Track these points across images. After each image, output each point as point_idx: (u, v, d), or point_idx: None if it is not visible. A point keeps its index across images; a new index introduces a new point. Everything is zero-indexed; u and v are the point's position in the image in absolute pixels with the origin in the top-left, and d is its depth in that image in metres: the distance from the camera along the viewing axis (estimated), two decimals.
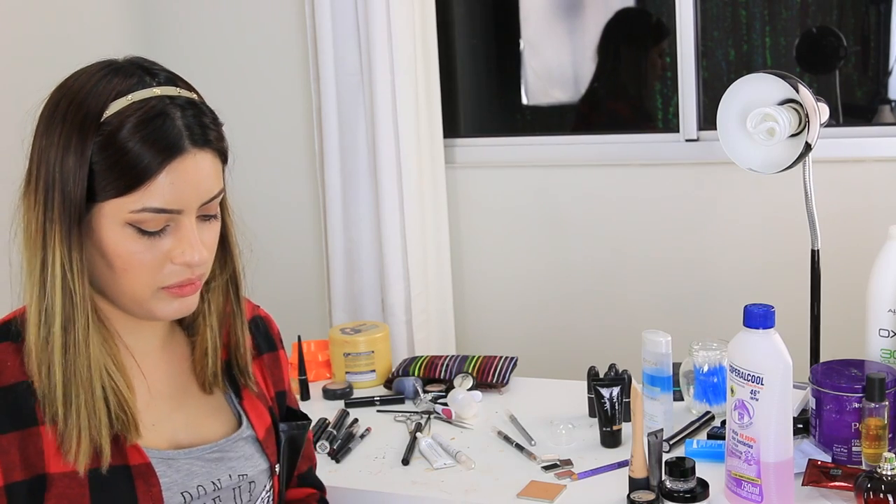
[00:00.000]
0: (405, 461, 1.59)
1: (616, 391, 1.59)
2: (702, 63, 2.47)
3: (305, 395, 1.92)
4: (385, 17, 2.38)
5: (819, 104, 1.64)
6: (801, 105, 1.62)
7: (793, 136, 1.64)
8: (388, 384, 1.94)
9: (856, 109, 2.69)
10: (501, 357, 1.96)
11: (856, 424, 1.43)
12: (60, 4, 2.44)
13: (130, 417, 1.05)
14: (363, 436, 1.71)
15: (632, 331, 1.83)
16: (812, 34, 2.68)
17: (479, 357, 1.96)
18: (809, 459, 1.41)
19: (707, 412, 1.66)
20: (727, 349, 1.38)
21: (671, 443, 1.56)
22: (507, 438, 1.65)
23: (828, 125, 1.83)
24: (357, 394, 1.92)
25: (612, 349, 2.12)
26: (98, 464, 1.03)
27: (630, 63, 2.85)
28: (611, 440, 1.60)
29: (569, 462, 1.55)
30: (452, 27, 2.88)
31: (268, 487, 1.21)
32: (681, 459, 1.32)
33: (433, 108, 2.52)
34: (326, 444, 1.64)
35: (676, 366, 1.71)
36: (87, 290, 1.03)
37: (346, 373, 1.95)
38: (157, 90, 1.02)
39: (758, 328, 1.30)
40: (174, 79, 1.06)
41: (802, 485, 1.37)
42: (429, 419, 1.75)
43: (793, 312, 1.77)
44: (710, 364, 1.67)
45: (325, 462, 1.61)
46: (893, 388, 1.42)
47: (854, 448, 1.44)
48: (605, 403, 1.59)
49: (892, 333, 1.54)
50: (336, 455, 1.62)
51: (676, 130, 2.46)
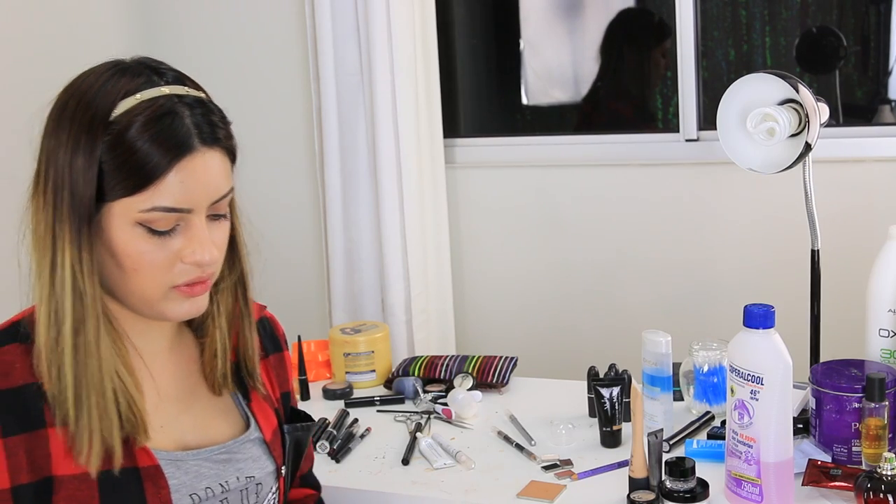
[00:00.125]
0: (405, 461, 1.59)
1: (616, 391, 1.59)
2: (702, 63, 2.47)
3: (305, 395, 1.92)
4: (385, 17, 2.38)
5: (819, 104, 1.64)
6: (801, 105, 1.62)
7: (793, 136, 1.63)
8: (388, 384, 1.94)
9: (856, 109, 2.69)
10: (501, 357, 1.96)
11: (856, 424, 1.43)
12: (61, 4, 2.44)
13: (140, 419, 1.05)
14: (363, 436, 1.71)
15: (632, 331, 1.83)
16: (812, 34, 2.68)
17: (479, 357, 1.96)
18: (809, 459, 1.41)
19: (707, 412, 1.66)
20: (727, 349, 1.38)
21: (671, 443, 1.56)
22: (507, 438, 1.65)
23: (828, 125, 1.83)
24: (357, 394, 1.92)
25: (612, 349, 2.12)
26: (109, 466, 1.03)
27: (633, 63, 2.85)
28: (611, 440, 1.60)
29: (569, 462, 1.55)
30: (452, 27, 2.88)
31: (274, 489, 1.21)
32: (681, 459, 1.32)
33: (433, 108, 2.52)
34: (326, 444, 1.64)
35: (676, 366, 1.71)
36: (98, 291, 1.02)
37: (346, 373, 1.95)
38: (166, 89, 1.02)
39: (758, 328, 1.30)
40: (182, 78, 1.06)
41: (802, 485, 1.37)
42: (429, 419, 1.75)
43: (793, 312, 1.77)
44: (710, 364, 1.67)
45: (325, 462, 1.61)
46: (893, 388, 1.42)
47: (854, 448, 1.44)
48: (605, 403, 1.59)
49: (892, 333, 1.54)
50: (336, 455, 1.62)
51: (676, 130, 2.47)
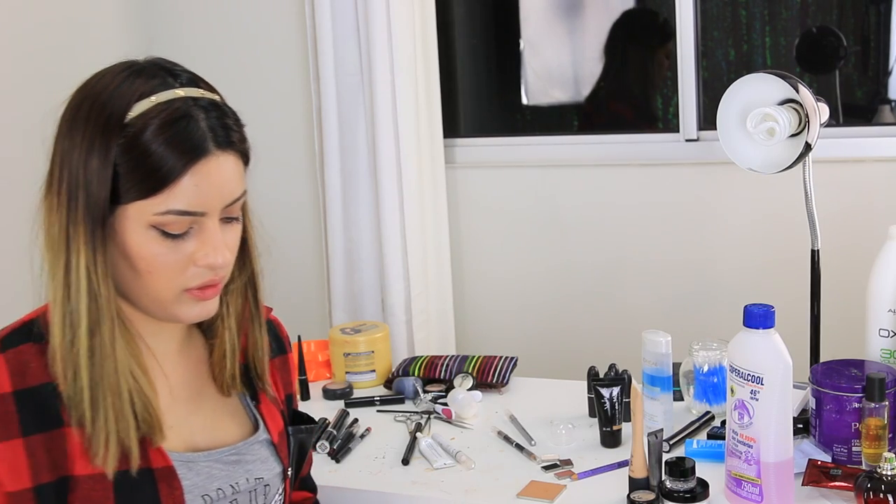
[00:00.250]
0: (405, 461, 1.59)
1: (616, 391, 1.59)
2: (702, 63, 2.47)
3: (305, 395, 1.92)
4: (385, 17, 2.38)
5: (819, 104, 1.64)
6: (801, 105, 1.62)
7: (793, 136, 1.64)
8: (388, 384, 1.94)
9: (856, 109, 2.69)
10: (501, 357, 1.96)
11: (856, 424, 1.43)
12: (61, 4, 2.44)
13: (155, 419, 1.05)
14: (363, 436, 1.71)
15: (632, 331, 1.83)
16: (812, 34, 2.68)
17: (479, 357, 1.96)
18: (809, 459, 1.41)
19: (707, 412, 1.66)
20: (727, 349, 1.38)
21: (671, 443, 1.56)
22: (507, 438, 1.65)
23: (828, 125, 1.83)
24: (357, 394, 1.92)
25: (612, 349, 2.12)
26: (125, 466, 1.03)
27: (636, 63, 2.85)
28: (611, 440, 1.60)
29: (569, 462, 1.55)
30: (452, 27, 2.88)
31: (280, 490, 1.22)
32: (681, 459, 1.32)
33: (433, 108, 2.52)
34: (326, 444, 1.64)
35: (676, 366, 1.71)
36: (112, 293, 1.02)
37: (346, 373, 1.95)
38: (181, 91, 1.02)
39: (758, 328, 1.30)
40: (196, 79, 1.06)
41: (802, 485, 1.37)
42: (429, 419, 1.75)
43: (793, 312, 1.77)
44: (710, 364, 1.67)
45: (325, 462, 1.61)
46: (893, 388, 1.42)
47: (854, 448, 1.44)
48: (605, 403, 1.59)
49: (892, 333, 1.54)
50: (336, 455, 1.62)
51: (676, 130, 2.46)
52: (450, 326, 2.62)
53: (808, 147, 1.61)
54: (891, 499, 1.25)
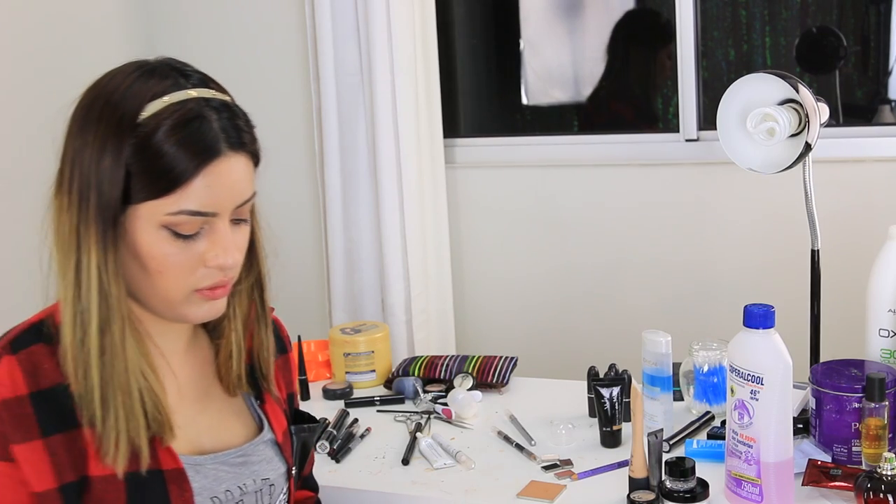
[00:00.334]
0: (405, 461, 1.59)
1: (616, 391, 1.59)
2: (702, 63, 2.47)
3: (305, 395, 1.92)
4: (385, 17, 2.38)
5: (819, 104, 1.64)
6: (801, 105, 1.62)
7: (793, 136, 1.63)
8: (388, 384, 1.94)
9: (856, 109, 2.69)
10: (501, 357, 1.96)
11: (856, 424, 1.43)
12: (61, 4, 2.44)
13: (165, 418, 1.06)
14: (363, 436, 1.71)
15: (632, 331, 1.83)
16: (812, 34, 2.68)
17: (479, 357, 1.96)
18: (809, 459, 1.41)
19: (707, 412, 1.66)
20: (727, 349, 1.38)
21: (671, 443, 1.56)
22: (507, 438, 1.65)
23: (828, 125, 1.83)
24: (357, 394, 1.92)
25: (612, 349, 2.12)
26: (136, 467, 1.03)
27: (639, 64, 2.85)
28: (611, 440, 1.60)
29: (569, 462, 1.55)
30: (452, 27, 2.88)
31: (285, 490, 1.22)
32: (681, 459, 1.32)
33: (433, 108, 2.52)
34: (326, 444, 1.64)
35: (676, 366, 1.71)
36: (123, 292, 1.02)
37: (346, 373, 1.95)
38: (193, 92, 1.02)
39: (758, 328, 1.30)
40: (206, 80, 1.06)
41: (802, 485, 1.37)
42: (429, 419, 1.75)
43: (793, 312, 1.77)
44: (710, 364, 1.67)
45: (325, 462, 1.61)
46: (893, 388, 1.42)
47: (854, 448, 1.44)
48: (605, 403, 1.59)
49: (892, 333, 1.54)
50: (336, 455, 1.62)
51: (676, 130, 2.46)
52: (450, 326, 2.62)
53: (808, 147, 1.61)
54: (891, 499, 1.25)
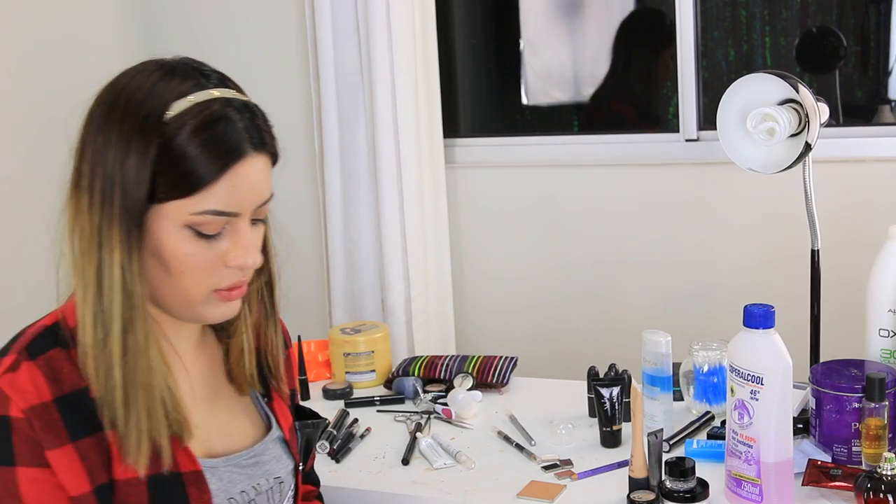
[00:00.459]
0: (405, 461, 1.59)
1: (616, 391, 1.59)
2: (702, 63, 2.47)
3: (305, 395, 1.92)
4: (385, 17, 2.38)
5: (819, 104, 1.64)
6: (801, 105, 1.62)
7: (793, 136, 1.63)
8: (388, 384, 1.94)
9: (856, 109, 2.69)
10: (501, 357, 1.96)
11: (856, 424, 1.43)
12: (60, 4, 2.44)
13: (183, 418, 1.06)
14: (363, 436, 1.71)
15: (632, 331, 1.82)
16: (812, 34, 2.68)
17: (479, 357, 1.96)
18: (809, 459, 1.41)
19: (707, 412, 1.66)
20: (727, 349, 1.38)
21: (671, 443, 1.56)
22: (507, 438, 1.65)
23: (828, 125, 1.83)
24: (357, 394, 1.92)
25: (612, 349, 2.12)
26: (157, 469, 1.03)
27: (642, 64, 2.84)
28: (611, 440, 1.60)
29: (569, 462, 1.55)
30: (452, 27, 2.88)
31: (292, 486, 1.23)
32: (681, 459, 1.32)
33: (433, 108, 2.52)
34: (326, 444, 1.64)
35: (676, 366, 1.71)
36: (145, 292, 1.02)
37: (346, 373, 1.95)
38: (216, 92, 1.02)
39: (758, 328, 1.30)
40: (224, 79, 1.06)
41: (802, 485, 1.37)
42: (429, 419, 1.75)
43: (793, 312, 1.77)
44: (710, 364, 1.67)
45: (325, 462, 1.61)
46: (893, 388, 1.42)
47: (854, 448, 1.44)
48: (605, 403, 1.59)
49: (892, 333, 1.54)
50: (336, 455, 1.62)
51: (676, 130, 2.47)
52: (450, 326, 2.62)
53: (808, 147, 1.61)
54: (891, 499, 1.25)
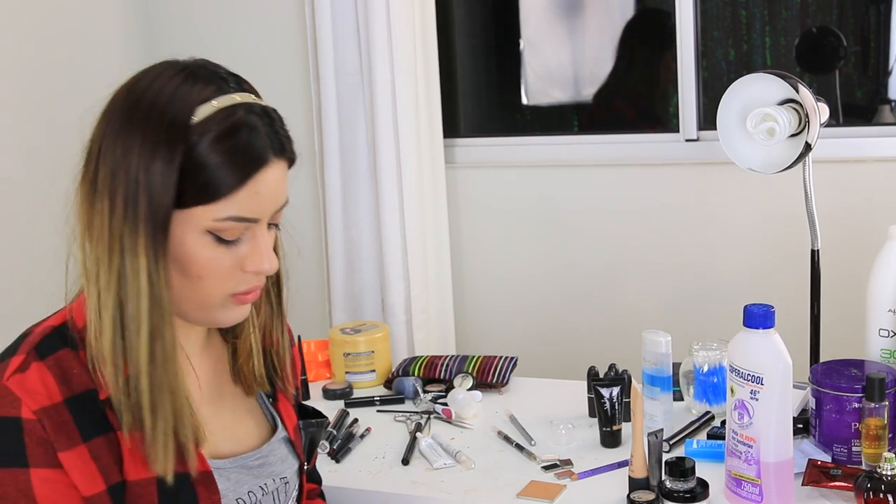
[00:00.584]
0: (405, 461, 1.59)
1: (616, 391, 1.59)
2: (702, 63, 2.47)
3: (305, 395, 1.92)
4: (385, 17, 2.38)
5: (819, 104, 1.64)
6: (801, 105, 1.62)
7: (793, 136, 1.63)
8: (388, 384, 1.94)
9: (856, 109, 2.69)
10: (501, 357, 1.96)
11: (856, 424, 1.43)
12: (60, 4, 2.44)
13: (198, 420, 1.06)
14: (363, 436, 1.71)
15: (632, 331, 1.82)
16: (812, 34, 2.68)
17: (479, 357, 1.96)
18: (809, 459, 1.41)
19: (707, 412, 1.66)
20: (727, 349, 1.38)
21: (671, 443, 1.56)
22: (507, 438, 1.65)
23: (828, 125, 1.83)
24: (357, 394, 1.92)
25: (612, 349, 2.12)
26: (183, 468, 1.04)
27: (645, 65, 2.84)
28: (611, 440, 1.60)
29: (569, 462, 1.55)
30: (452, 27, 2.88)
31: (297, 485, 1.23)
32: (681, 459, 1.32)
33: (433, 108, 2.52)
34: (326, 444, 1.64)
35: (676, 366, 1.71)
36: (171, 297, 1.02)
37: (346, 373, 1.95)
38: (237, 97, 1.02)
39: (758, 328, 1.30)
40: (241, 81, 1.06)
41: (802, 485, 1.37)
42: (429, 419, 1.75)
43: (793, 312, 1.77)
44: (710, 364, 1.67)
45: (325, 462, 1.61)
46: (893, 388, 1.42)
47: (854, 448, 1.44)
48: (605, 403, 1.59)
49: (892, 333, 1.54)
50: (336, 455, 1.62)
51: (676, 130, 2.47)
52: (450, 326, 2.62)
53: (808, 147, 1.61)
54: (891, 499, 1.25)
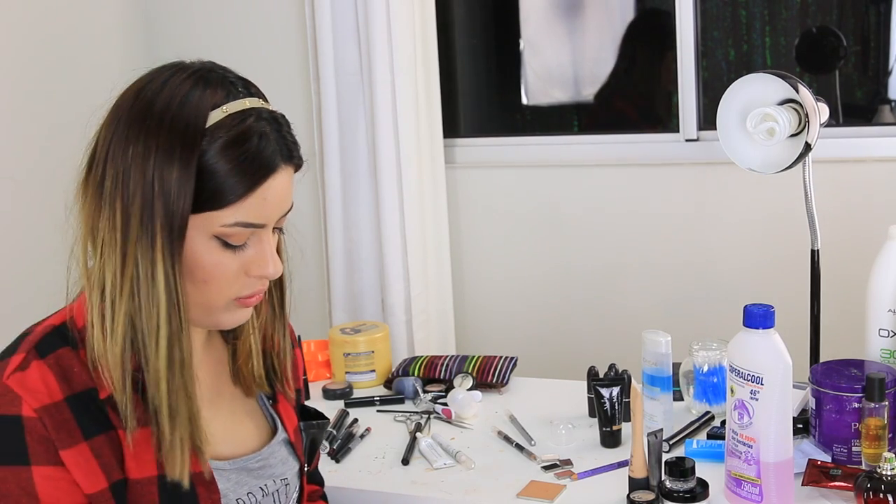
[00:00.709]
0: (405, 461, 1.59)
1: (616, 391, 1.59)
2: (702, 63, 2.47)
3: (306, 396, 1.92)
4: (385, 17, 2.38)
5: (819, 104, 1.64)
6: (801, 105, 1.62)
7: (793, 136, 1.63)
8: (388, 384, 1.94)
9: (856, 109, 2.69)
10: (501, 357, 1.96)
11: (856, 424, 1.43)
12: (60, 4, 2.44)
13: (202, 422, 1.06)
14: (363, 436, 1.71)
15: (632, 331, 1.83)
16: (812, 34, 2.68)
17: (479, 357, 1.96)
18: (809, 459, 1.41)
19: (707, 412, 1.66)
20: (727, 349, 1.38)
21: (671, 443, 1.56)
22: (507, 438, 1.65)
23: (828, 125, 1.83)
24: (357, 394, 1.92)
25: (612, 349, 2.12)
26: (196, 468, 1.04)
27: (646, 65, 2.84)
28: (611, 440, 1.60)
29: (569, 462, 1.55)
30: (452, 27, 2.88)
31: (298, 487, 1.23)
32: (681, 459, 1.32)
33: (433, 108, 2.52)
34: (326, 444, 1.64)
35: (676, 366, 1.71)
36: (187, 303, 1.02)
37: (346, 373, 1.95)
38: (247, 102, 1.02)
39: (758, 328, 1.30)
40: (248, 84, 1.06)
41: (802, 485, 1.37)
42: (429, 419, 1.75)
43: (793, 312, 1.77)
44: (710, 364, 1.67)
45: (325, 462, 1.61)
46: (893, 388, 1.42)
47: (854, 448, 1.44)
48: (605, 403, 1.59)
49: (892, 333, 1.54)
50: (336, 455, 1.62)
51: (676, 130, 2.46)
52: (450, 326, 2.62)
53: (808, 147, 1.61)
54: (891, 499, 1.25)
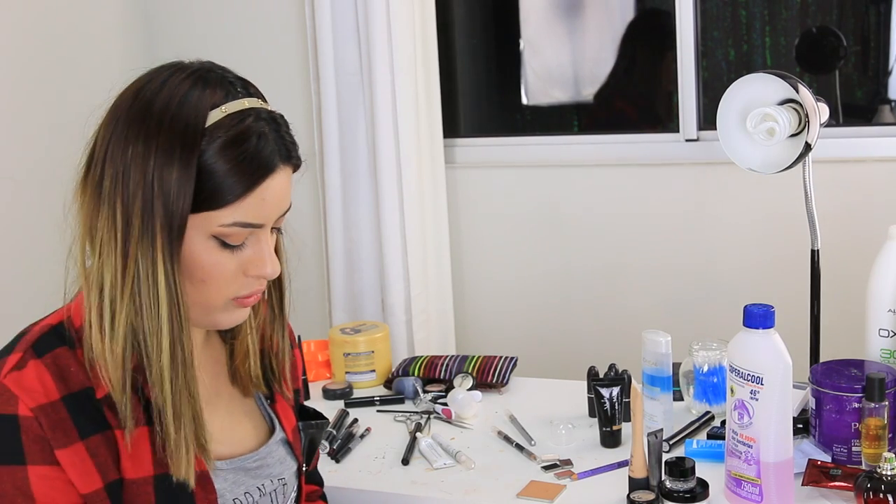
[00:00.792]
0: (405, 461, 1.59)
1: (616, 391, 1.59)
2: (702, 63, 2.47)
3: (306, 396, 1.92)
4: (385, 17, 2.38)
5: (819, 104, 1.64)
6: (801, 105, 1.62)
7: (793, 136, 1.63)
8: (388, 384, 1.94)
9: (856, 109, 2.69)
10: (501, 357, 1.96)
11: (856, 424, 1.43)
12: (60, 4, 2.44)
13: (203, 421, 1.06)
14: (363, 436, 1.71)
15: (632, 331, 1.82)
16: (812, 34, 2.69)
17: (479, 357, 1.96)
18: (809, 459, 1.41)
19: (707, 412, 1.66)
20: (727, 349, 1.38)
21: (671, 443, 1.56)
22: (507, 438, 1.65)
23: (828, 125, 1.83)
24: (357, 394, 1.92)
25: (612, 349, 2.12)
26: (200, 468, 1.04)
27: (647, 65, 2.84)
28: (611, 440, 1.60)
29: (569, 462, 1.55)
30: (452, 27, 2.88)
31: (296, 487, 1.23)
32: (681, 459, 1.32)
33: (433, 108, 2.52)
34: (326, 444, 1.64)
35: (676, 366, 1.71)
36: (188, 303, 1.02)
37: (346, 373, 1.95)
38: (246, 102, 1.02)
39: (758, 328, 1.30)
40: (247, 84, 1.06)
41: (802, 485, 1.37)
42: (429, 419, 1.75)
43: (793, 312, 1.77)
44: (710, 364, 1.67)
45: (325, 462, 1.61)
46: (893, 388, 1.42)
47: (854, 448, 1.44)
48: (605, 403, 1.59)
49: (892, 333, 1.54)
50: (336, 455, 1.62)
51: (676, 130, 2.46)
52: (450, 326, 2.62)
53: (808, 147, 1.61)
54: (891, 499, 1.25)
